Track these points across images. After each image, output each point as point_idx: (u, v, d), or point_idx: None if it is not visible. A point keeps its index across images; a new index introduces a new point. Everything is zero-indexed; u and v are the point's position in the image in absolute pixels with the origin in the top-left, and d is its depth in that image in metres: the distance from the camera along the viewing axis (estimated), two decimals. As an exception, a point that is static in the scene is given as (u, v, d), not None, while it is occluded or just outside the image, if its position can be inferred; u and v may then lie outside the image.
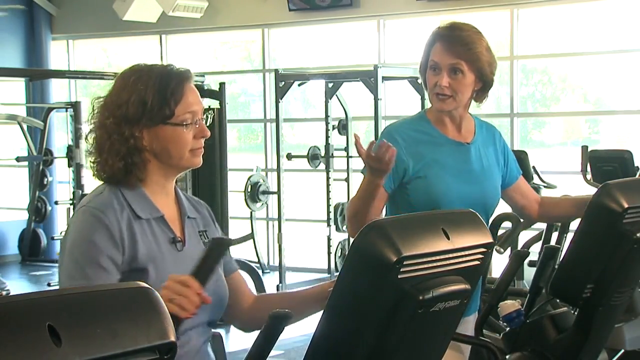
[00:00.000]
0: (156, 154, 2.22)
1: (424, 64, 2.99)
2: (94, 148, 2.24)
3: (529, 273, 3.12)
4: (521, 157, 8.13)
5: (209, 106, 8.17)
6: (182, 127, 2.21)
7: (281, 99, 9.39)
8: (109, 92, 2.24)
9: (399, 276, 1.53)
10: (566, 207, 3.15)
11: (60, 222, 11.75)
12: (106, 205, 2.16)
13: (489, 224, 3.06)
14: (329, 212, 9.78)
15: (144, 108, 2.18)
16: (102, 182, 2.25)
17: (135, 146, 2.19)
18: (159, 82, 2.20)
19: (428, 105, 3.11)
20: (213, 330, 2.34)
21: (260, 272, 9.13)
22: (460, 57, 2.88)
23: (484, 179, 3.00)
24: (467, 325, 2.78)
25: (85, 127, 2.32)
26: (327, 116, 9.68)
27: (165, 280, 2.05)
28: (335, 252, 9.76)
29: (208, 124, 2.30)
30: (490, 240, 1.73)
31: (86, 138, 2.27)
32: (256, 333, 1.64)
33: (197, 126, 2.24)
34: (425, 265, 1.57)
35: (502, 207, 3.20)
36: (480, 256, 1.69)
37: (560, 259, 2.40)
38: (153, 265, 2.14)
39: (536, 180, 8.22)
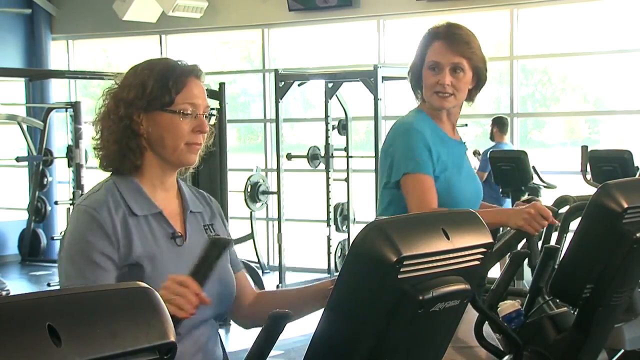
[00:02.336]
0: (152, 142, 2.22)
1: (417, 63, 2.97)
2: (96, 133, 2.26)
3: (529, 273, 3.12)
4: (521, 157, 8.16)
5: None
6: (179, 116, 2.20)
7: (281, 99, 9.39)
8: (119, 82, 2.27)
9: (399, 276, 1.53)
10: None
11: (60, 222, 11.76)
12: (100, 203, 2.16)
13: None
14: (328, 212, 9.77)
15: (143, 92, 2.20)
16: (107, 175, 2.27)
17: (131, 128, 2.21)
18: (163, 71, 2.22)
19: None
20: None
21: (260, 272, 9.14)
22: (463, 55, 2.88)
23: (475, 176, 3.08)
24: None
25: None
26: (327, 116, 9.69)
27: (164, 275, 2.06)
28: (335, 252, 9.76)
29: (212, 123, 2.30)
30: (490, 240, 1.73)
31: (93, 124, 2.28)
32: (257, 331, 1.64)
33: (196, 119, 2.23)
34: (425, 265, 1.57)
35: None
36: (480, 256, 1.69)
37: (560, 259, 2.40)
38: (149, 261, 2.14)
39: (536, 180, 8.23)
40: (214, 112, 2.31)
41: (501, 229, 3.16)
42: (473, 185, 3.01)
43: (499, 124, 8.94)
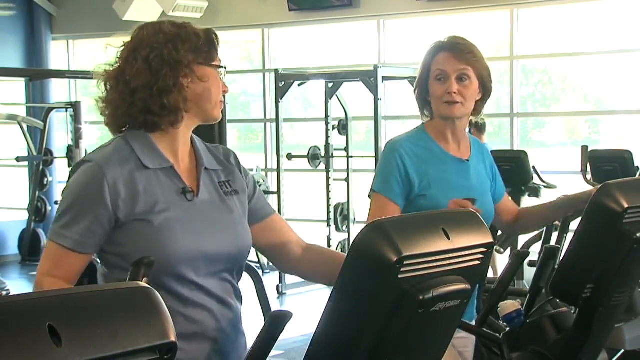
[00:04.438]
0: (196, 97, 2.23)
1: (423, 77, 2.98)
2: (125, 89, 2.21)
3: (529, 273, 3.12)
4: (521, 157, 8.14)
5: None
6: (217, 71, 2.27)
7: (281, 99, 9.39)
8: (137, 37, 2.25)
9: (399, 276, 1.53)
10: (546, 209, 3.18)
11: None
12: (106, 160, 2.17)
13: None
14: (329, 212, 9.77)
15: (197, 41, 2.22)
16: (113, 134, 2.27)
17: (179, 82, 2.21)
18: (202, 29, 2.26)
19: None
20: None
21: (260, 272, 9.12)
22: (467, 63, 2.90)
23: (482, 194, 3.01)
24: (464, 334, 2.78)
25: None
26: (327, 116, 9.69)
27: (173, 229, 2.13)
28: (335, 252, 9.75)
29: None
30: (491, 240, 1.73)
31: (105, 84, 2.26)
32: (258, 329, 1.64)
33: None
34: (426, 265, 1.57)
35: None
36: (481, 256, 1.69)
37: (560, 259, 2.40)
38: (156, 215, 2.16)
39: (536, 180, 8.22)
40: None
41: (499, 231, 3.16)
42: (477, 205, 2.95)
43: (477, 125, 8.75)
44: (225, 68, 2.30)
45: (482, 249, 1.69)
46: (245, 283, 2.77)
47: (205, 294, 2.19)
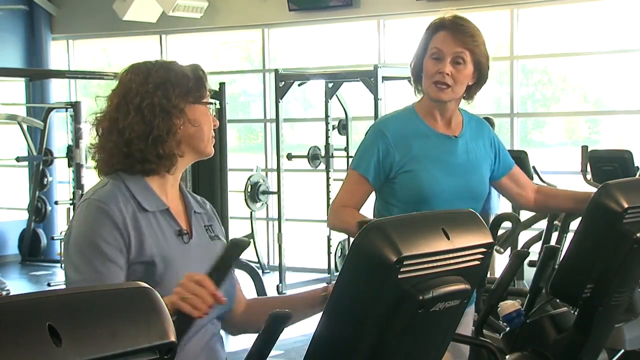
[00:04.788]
0: (189, 137, 2.24)
1: (420, 54, 2.97)
2: (117, 135, 2.20)
3: (529, 273, 3.12)
4: (521, 157, 8.14)
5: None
6: (207, 107, 2.27)
7: (281, 99, 9.39)
8: (126, 83, 2.23)
9: (399, 276, 1.53)
10: (565, 200, 3.13)
11: (60, 222, 11.76)
12: (110, 197, 2.16)
13: (489, 224, 3.05)
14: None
15: (187, 83, 2.23)
16: (105, 176, 2.25)
17: (169, 127, 2.21)
18: (189, 67, 2.27)
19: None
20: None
21: (260, 272, 9.13)
22: (465, 46, 2.89)
23: (471, 171, 3.00)
24: (467, 317, 2.78)
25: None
26: (327, 116, 9.69)
27: (174, 273, 2.10)
28: (335, 252, 9.76)
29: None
30: (490, 240, 1.73)
31: (96, 128, 2.25)
32: (255, 334, 1.64)
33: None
34: (425, 265, 1.57)
35: (504, 207, 3.19)
36: (480, 256, 1.69)
37: (560, 259, 2.40)
38: (161, 258, 2.15)
39: (536, 180, 8.22)
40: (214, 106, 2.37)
41: (498, 232, 3.15)
42: (461, 181, 2.94)
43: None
44: (214, 104, 2.33)
45: (482, 249, 1.69)
46: (245, 283, 2.77)
47: (195, 342, 2.18)
